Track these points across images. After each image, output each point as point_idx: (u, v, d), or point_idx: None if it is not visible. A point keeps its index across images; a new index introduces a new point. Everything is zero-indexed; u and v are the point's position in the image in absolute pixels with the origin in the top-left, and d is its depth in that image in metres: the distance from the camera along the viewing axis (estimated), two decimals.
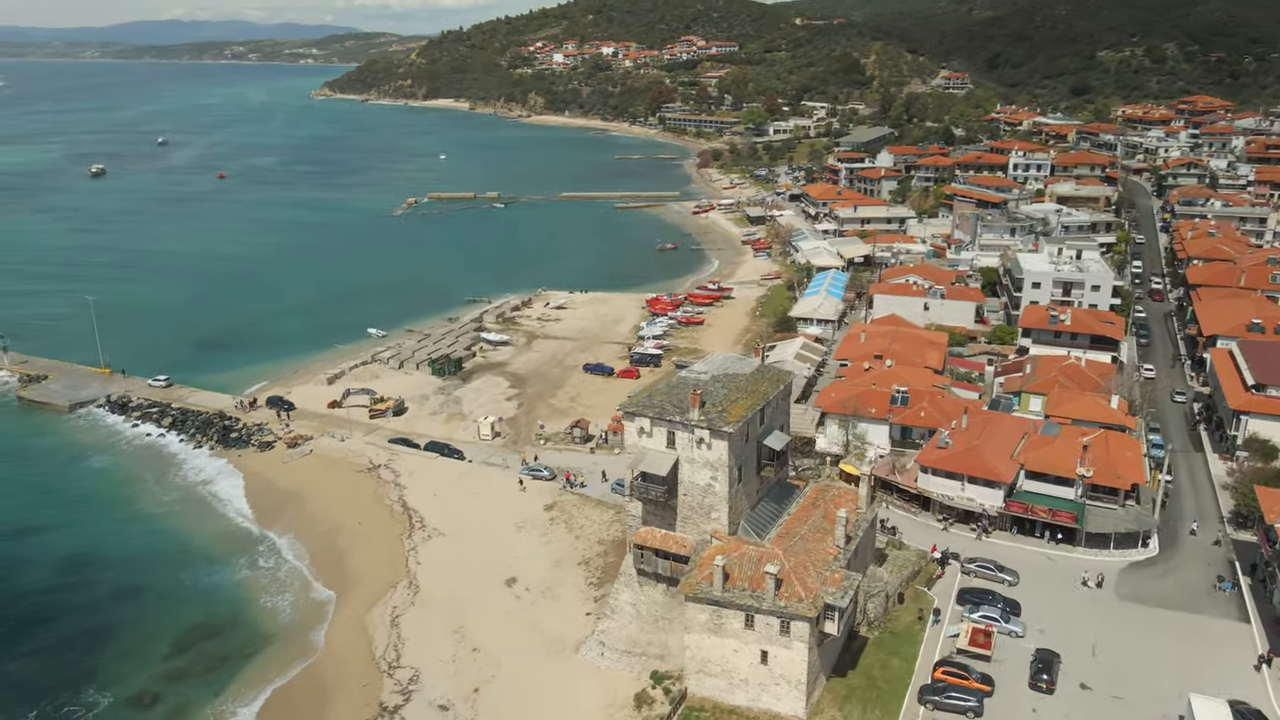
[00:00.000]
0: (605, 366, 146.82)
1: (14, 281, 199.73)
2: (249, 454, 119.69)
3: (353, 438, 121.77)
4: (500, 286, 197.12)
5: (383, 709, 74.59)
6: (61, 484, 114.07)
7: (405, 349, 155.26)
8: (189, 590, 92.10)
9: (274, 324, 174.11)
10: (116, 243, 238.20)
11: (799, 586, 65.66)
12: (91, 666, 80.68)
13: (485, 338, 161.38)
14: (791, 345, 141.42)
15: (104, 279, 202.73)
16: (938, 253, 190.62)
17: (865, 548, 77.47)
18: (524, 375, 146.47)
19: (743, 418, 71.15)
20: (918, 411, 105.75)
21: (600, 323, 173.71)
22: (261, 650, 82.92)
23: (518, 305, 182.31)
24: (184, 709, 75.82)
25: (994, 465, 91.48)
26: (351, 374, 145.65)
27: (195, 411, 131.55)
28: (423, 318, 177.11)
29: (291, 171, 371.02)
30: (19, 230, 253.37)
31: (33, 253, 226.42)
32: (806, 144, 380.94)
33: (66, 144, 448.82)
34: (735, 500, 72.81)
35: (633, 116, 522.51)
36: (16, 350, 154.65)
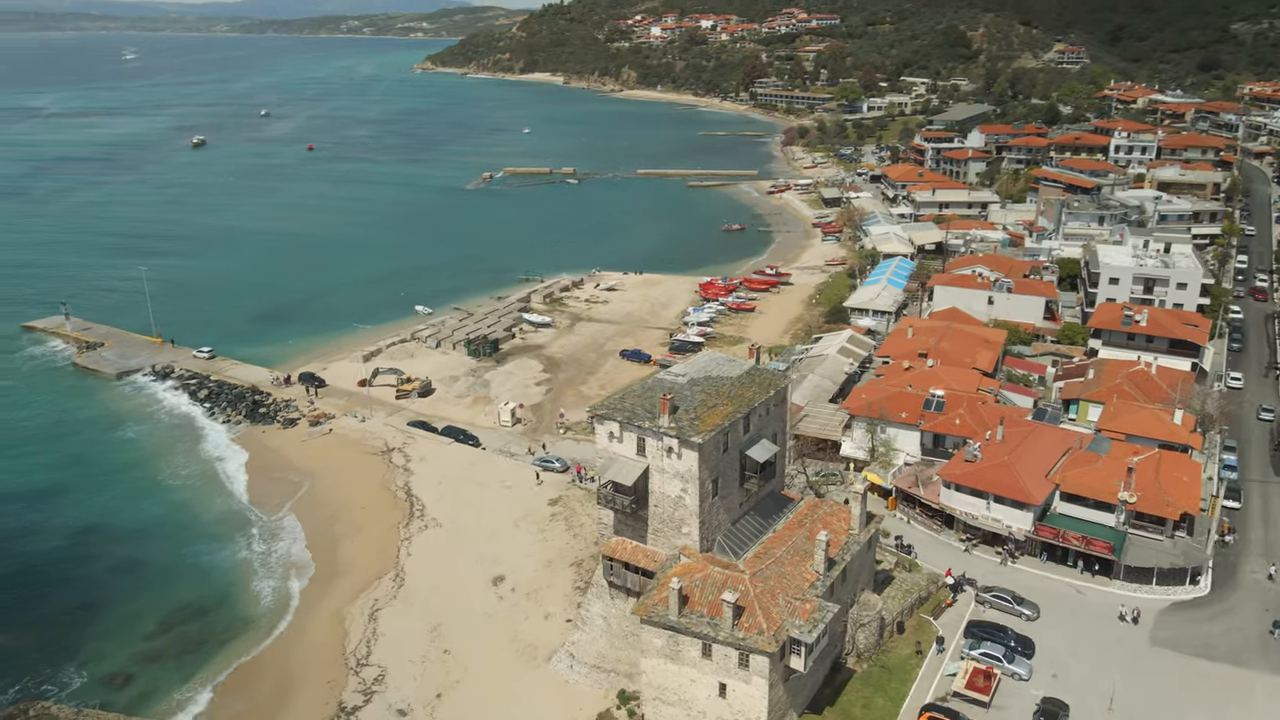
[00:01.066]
0: (642, 353, 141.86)
1: (90, 250, 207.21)
2: (272, 430, 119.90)
3: (373, 418, 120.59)
4: (555, 265, 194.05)
5: (341, 709, 72.41)
6: (94, 452, 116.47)
7: (446, 328, 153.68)
8: (185, 568, 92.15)
9: (328, 298, 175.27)
10: (194, 214, 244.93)
11: (761, 617, 59.80)
12: (77, 642, 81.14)
13: (527, 319, 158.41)
14: (836, 338, 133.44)
15: (175, 249, 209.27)
16: (1014, 241, 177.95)
17: (856, 572, 70.78)
18: (559, 359, 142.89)
19: (718, 427, 65.29)
20: (952, 418, 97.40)
21: (649, 306, 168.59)
22: (238, 637, 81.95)
23: (568, 285, 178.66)
24: (150, 694, 75.28)
25: (1023, 484, 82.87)
26: (388, 352, 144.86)
27: (231, 385, 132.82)
28: (472, 295, 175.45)
29: (379, 144, 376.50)
30: (109, 200, 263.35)
31: (116, 223, 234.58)
32: (900, 122, 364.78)
33: (177, 116, 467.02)
34: (709, 515, 67.18)
35: (724, 92, 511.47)
36: (79, 316, 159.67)
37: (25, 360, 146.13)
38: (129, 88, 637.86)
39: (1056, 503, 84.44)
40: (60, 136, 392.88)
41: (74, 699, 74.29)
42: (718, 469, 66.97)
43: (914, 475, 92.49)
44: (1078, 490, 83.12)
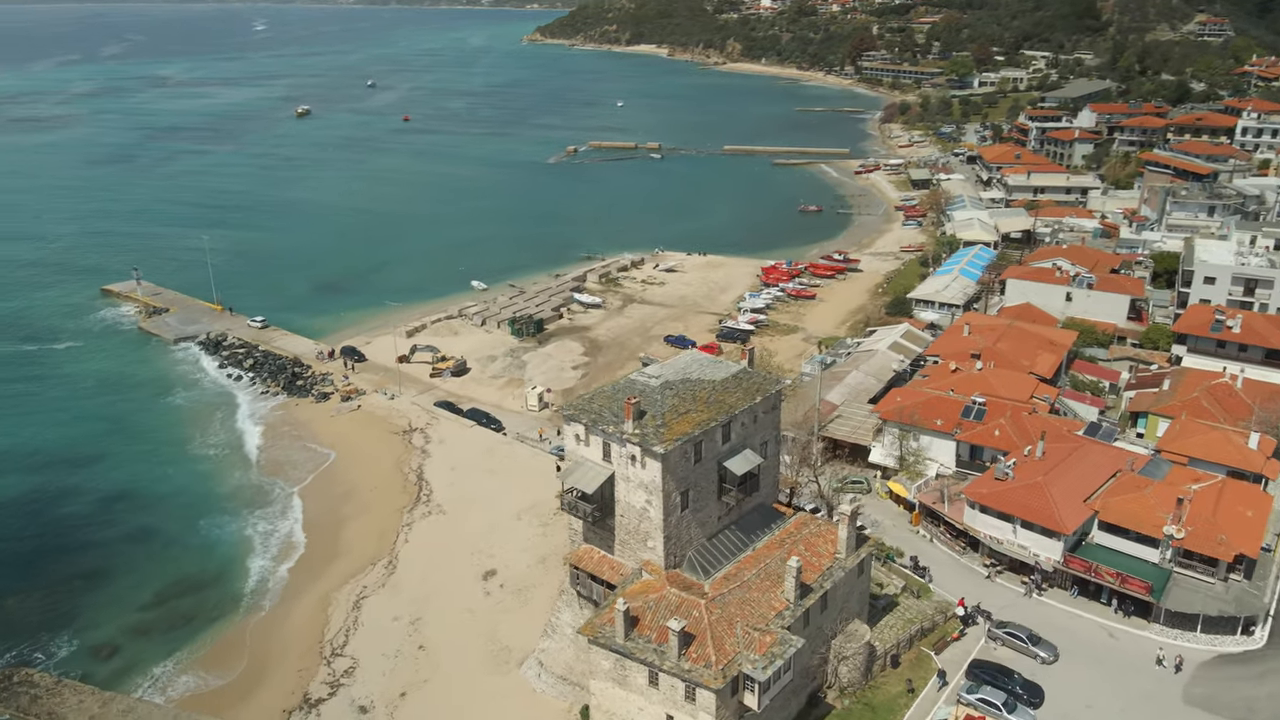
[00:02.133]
0: (686, 339, 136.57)
1: (174, 218, 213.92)
2: (305, 404, 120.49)
3: (402, 396, 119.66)
4: (619, 243, 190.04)
5: (305, 700, 71.07)
6: (137, 416, 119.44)
7: (495, 305, 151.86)
8: (193, 540, 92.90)
9: (390, 271, 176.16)
10: (278, 185, 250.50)
11: (711, 648, 54.75)
12: (76, 610, 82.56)
13: (577, 298, 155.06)
14: (891, 332, 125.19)
15: (252, 219, 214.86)
16: (1108, 232, 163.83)
17: (842, 600, 64.64)
18: (602, 342, 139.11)
19: (686, 435, 60.13)
20: (991, 429, 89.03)
21: (706, 289, 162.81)
22: (226, 615, 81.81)
23: (626, 265, 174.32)
24: (131, 668, 75.65)
25: (1055, 509, 74.53)
26: (433, 328, 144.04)
27: (276, 355, 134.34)
28: (531, 272, 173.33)
29: (472, 116, 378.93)
30: (205, 169, 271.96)
31: (205, 192, 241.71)
32: (1010, 99, 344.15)
33: (290, 86, 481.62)
34: (678, 529, 62.23)
35: (829, 65, 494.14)
36: (152, 281, 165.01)
37: (96, 322, 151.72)
38: (252, 58, 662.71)
39: (1094, 532, 75.80)
40: (178, 105, 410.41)
41: (59, 667, 75.38)
42: (688, 480, 61.88)
43: (940, 490, 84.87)
44: (1118, 520, 74.25)
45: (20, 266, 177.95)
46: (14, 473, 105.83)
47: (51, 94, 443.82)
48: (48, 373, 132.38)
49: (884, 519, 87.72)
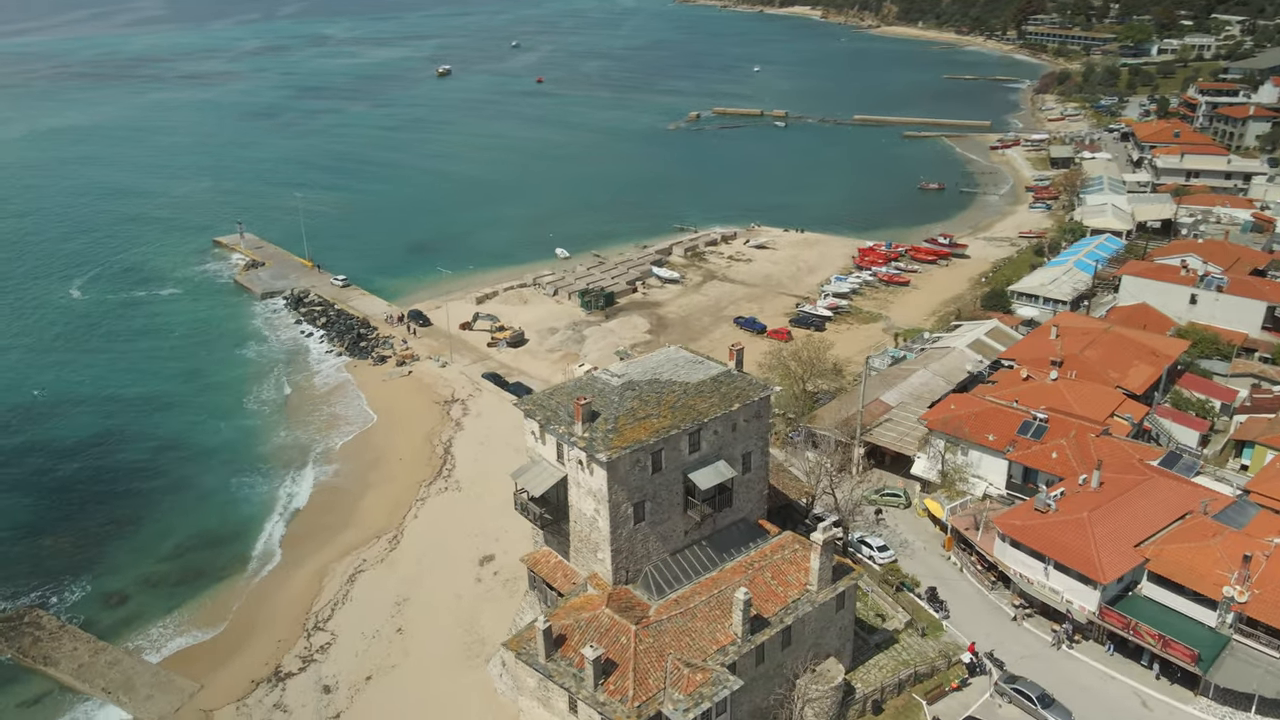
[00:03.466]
0: (757, 323, 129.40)
1: (296, 172, 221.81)
2: (363, 366, 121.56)
3: (454, 365, 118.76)
4: (716, 215, 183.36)
5: (275, 673, 70.88)
6: (208, 368, 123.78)
7: (570, 275, 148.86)
8: (223, 496, 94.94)
9: (481, 235, 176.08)
10: (399, 146, 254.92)
11: (630, 681, 49.86)
12: (100, 555, 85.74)
13: (656, 272, 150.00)
14: (975, 329, 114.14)
15: (367, 177, 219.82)
16: (1260, 226, 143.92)
17: (812, 636, 58.05)
18: (670, 320, 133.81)
19: (638, 443, 54.87)
20: (1049, 450, 78.82)
21: (794, 269, 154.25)
22: (230, 576, 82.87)
23: (716, 239, 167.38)
24: (132, 620, 77.70)
25: (1094, 553, 64.81)
26: (504, 295, 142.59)
27: (348, 315, 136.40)
28: (619, 242, 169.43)
29: (604, 78, 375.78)
30: (336, 127, 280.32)
31: (329, 150, 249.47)
32: (1191, 68, 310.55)
33: (438, 45, 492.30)
34: (629, 543, 57.28)
35: (990, 30, 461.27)
36: (254, 234, 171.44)
37: (199, 272, 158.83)
38: (407, 18, 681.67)
39: (1143, 582, 65.56)
40: (330, 64, 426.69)
41: (69, 611, 78.36)
42: (644, 491, 56.70)
43: (974, 515, 75.81)
44: (1170, 572, 63.81)
45: (150, 217, 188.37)
46: (88, 415, 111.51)
47: (222, 51, 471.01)
48: (145, 320, 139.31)
49: (915, 540, 79.65)
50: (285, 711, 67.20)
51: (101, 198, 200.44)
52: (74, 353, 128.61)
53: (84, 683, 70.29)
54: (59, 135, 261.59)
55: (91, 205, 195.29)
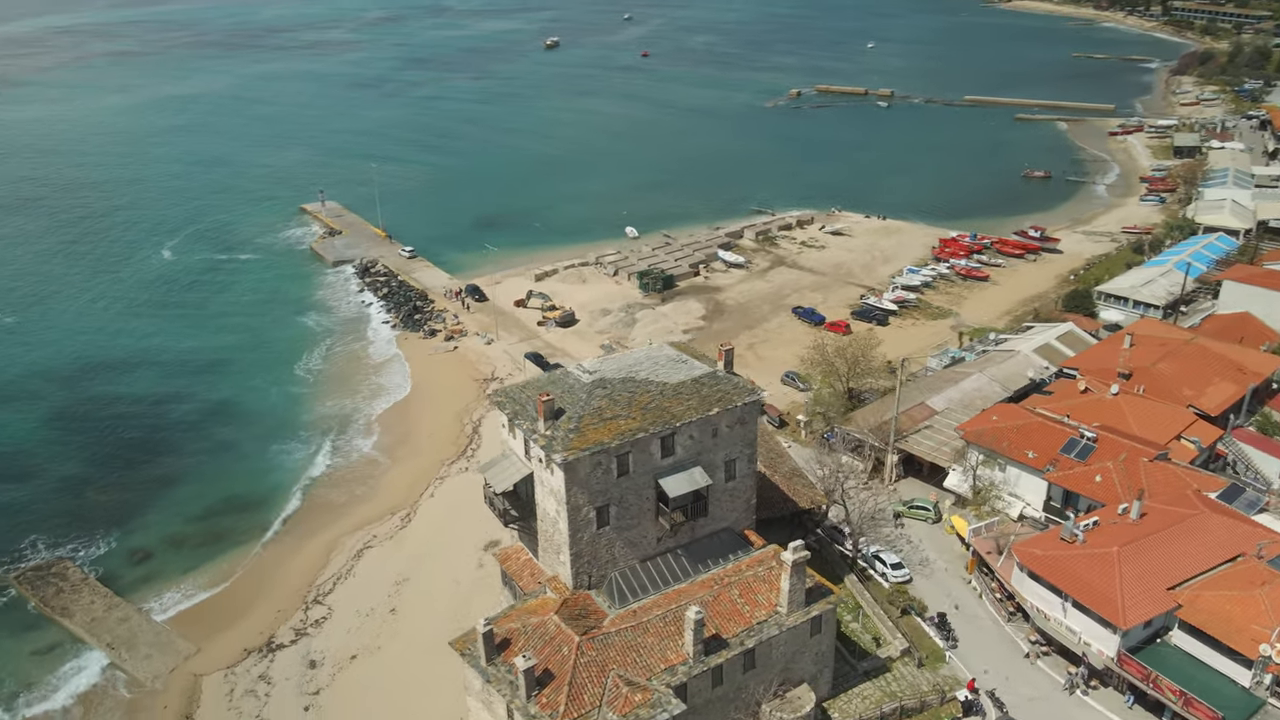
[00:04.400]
0: (815, 314, 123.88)
1: (386, 141, 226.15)
2: (414, 339, 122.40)
3: (499, 342, 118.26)
4: (797, 198, 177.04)
5: (268, 643, 71.87)
6: (269, 332, 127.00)
7: (633, 256, 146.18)
8: (259, 461, 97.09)
9: (557, 210, 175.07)
10: (494, 117, 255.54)
11: (563, 695, 47.56)
12: (135, 510, 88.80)
13: (722, 256, 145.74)
14: (1046, 332, 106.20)
15: (453, 149, 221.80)
16: None
17: (779, 661, 54.37)
18: (727, 307, 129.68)
19: (599, 445, 52.20)
20: (1093, 473, 72.02)
21: (868, 258, 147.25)
22: (248, 542, 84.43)
23: (791, 223, 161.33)
24: (152, 577, 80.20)
25: (1116, 593, 58.59)
26: (564, 273, 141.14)
27: (409, 287, 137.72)
28: (692, 223, 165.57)
29: (710, 53, 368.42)
30: (435, 97, 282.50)
31: (422, 122, 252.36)
32: None
33: (550, 17, 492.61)
34: (591, 547, 54.84)
35: (1132, 4, 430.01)
36: (337, 202, 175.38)
37: (280, 239, 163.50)
38: None
39: (1175, 630, 58.93)
40: (443, 35, 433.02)
41: (94, 564, 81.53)
42: (608, 495, 54.09)
43: (997, 538, 69.95)
44: (1203, 623, 57.07)
45: (246, 184, 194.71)
46: (153, 372, 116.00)
47: (345, 21, 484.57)
48: (221, 283, 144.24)
49: (938, 559, 74.43)
50: (268, 683, 68.01)
51: (205, 164, 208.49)
52: (153, 311, 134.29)
53: (93, 636, 72.93)
54: (176, 103, 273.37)
55: (195, 171, 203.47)
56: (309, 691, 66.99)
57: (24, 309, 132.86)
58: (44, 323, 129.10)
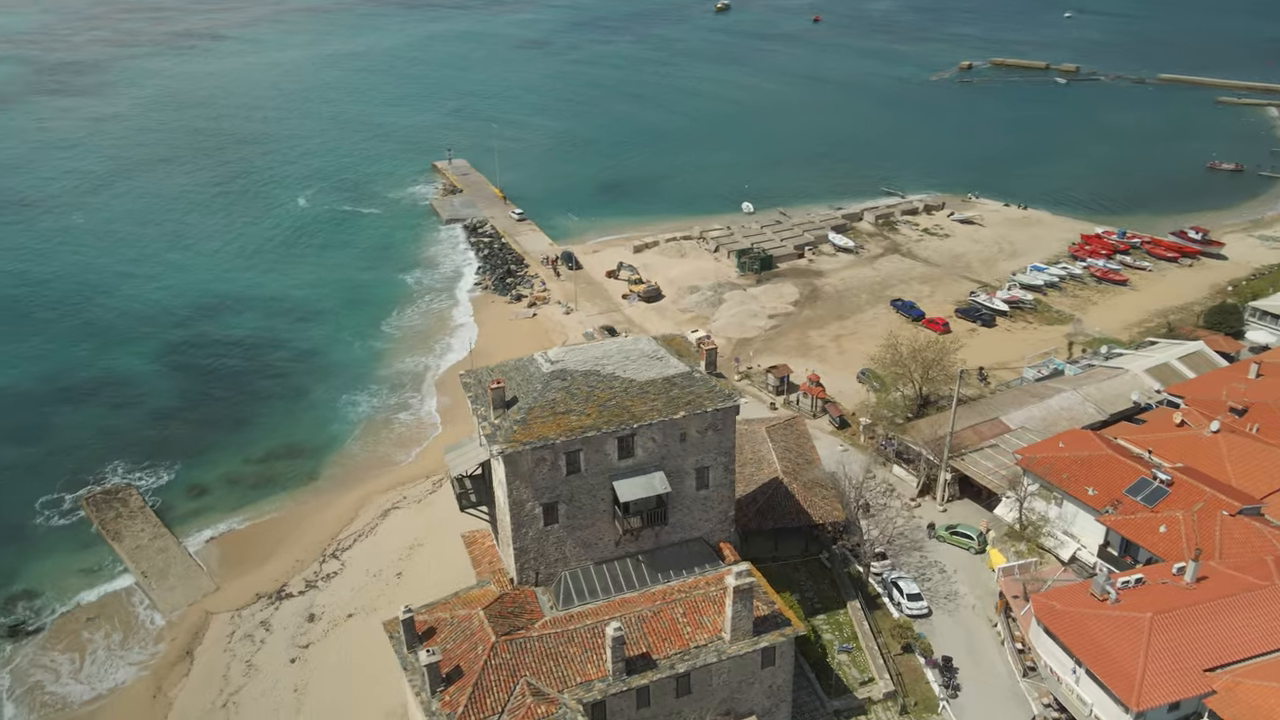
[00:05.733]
0: (915, 308, 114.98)
1: (534, 100, 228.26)
2: (499, 303, 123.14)
3: (578, 313, 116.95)
4: (934, 181, 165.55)
5: (278, 591, 74.27)
6: (370, 286, 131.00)
7: (738, 233, 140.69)
8: (327, 411, 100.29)
9: (678, 180, 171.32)
10: (641, 82, 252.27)
11: (464, 696, 45.77)
12: (201, 447, 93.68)
13: (832, 238, 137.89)
14: (1169, 350, 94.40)
15: (592, 110, 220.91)
16: None
17: (723, 689, 50.32)
18: (823, 294, 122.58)
19: (545, 440, 49.57)
20: (1159, 522, 62.73)
21: (993, 251, 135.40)
22: (295, 489, 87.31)
23: (918, 208, 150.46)
24: (201, 512, 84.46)
25: (1136, 669, 50.59)
26: (664, 246, 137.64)
27: (510, 250, 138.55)
28: (813, 201, 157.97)
29: (886, 20, 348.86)
30: (592, 60, 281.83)
31: (575, 81, 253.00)
32: None
33: None
34: (539, 544, 52.53)
35: None
36: (464, 160, 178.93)
37: (406, 194, 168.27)
38: None
39: (1205, 717, 50.33)
40: None
41: (153, 495, 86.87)
42: (557, 493, 51.54)
43: (1026, 582, 62.12)
44: (1235, 716, 48.21)
45: (390, 138, 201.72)
46: (256, 315, 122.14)
47: None
48: (342, 234, 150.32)
49: (969, 594, 67.58)
50: (267, 630, 70.29)
51: (353, 120, 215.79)
52: (275, 257, 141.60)
53: (132, 562, 77.81)
54: (344, 60, 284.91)
55: (343, 125, 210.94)
56: (300, 644, 68.69)
57: (166, 249, 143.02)
58: (181, 262, 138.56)
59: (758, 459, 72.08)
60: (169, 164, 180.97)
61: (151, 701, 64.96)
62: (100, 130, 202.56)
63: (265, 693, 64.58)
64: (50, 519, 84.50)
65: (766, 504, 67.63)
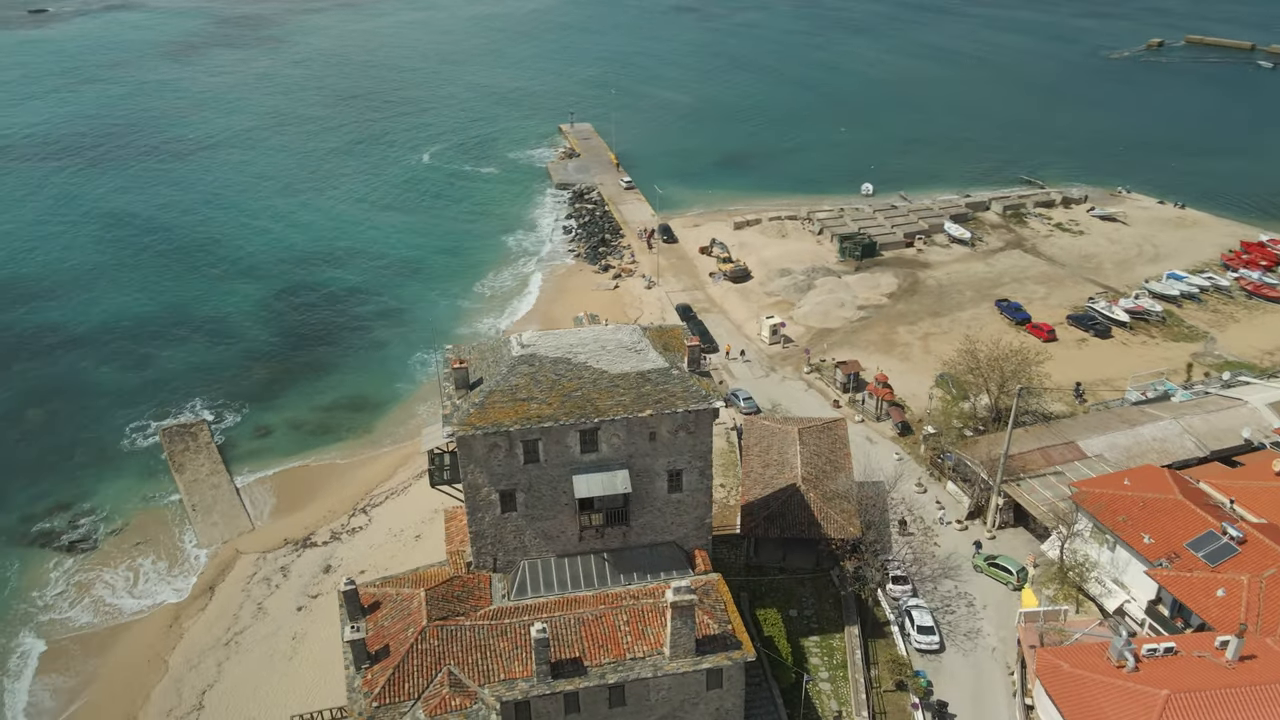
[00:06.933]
0: (1020, 310, 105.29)
1: (671, 66, 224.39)
2: (586, 272, 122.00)
3: (660, 288, 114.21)
4: (1083, 173, 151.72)
5: (304, 539, 76.67)
6: (470, 247, 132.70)
7: (847, 216, 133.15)
8: (398, 368, 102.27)
9: (799, 156, 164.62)
10: (791, 47, 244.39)
11: (383, 678, 45.09)
12: (275, 391, 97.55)
13: (948, 228, 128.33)
14: None
15: (737, 79, 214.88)
16: None
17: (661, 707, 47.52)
18: (925, 287, 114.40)
19: (495, 425, 47.86)
20: (1217, 583, 54.66)
21: (1132, 253, 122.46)
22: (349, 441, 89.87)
23: (1054, 200, 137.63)
24: (260, 454, 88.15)
25: None
26: (765, 225, 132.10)
27: (610, 218, 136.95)
28: (940, 185, 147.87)
29: None
30: (744, 28, 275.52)
31: (726, 46, 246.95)
32: None
33: None
34: (496, 530, 51.16)
35: None
36: (588, 124, 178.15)
37: (526, 156, 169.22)
38: None
39: None
40: None
41: (221, 433, 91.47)
42: (514, 481, 49.91)
43: (1043, 631, 55.43)
44: None
45: (525, 99, 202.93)
46: (357, 267, 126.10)
47: None
48: (457, 191, 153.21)
49: (994, 634, 61.80)
50: (285, 576, 72.75)
51: (490, 79, 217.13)
52: (389, 210, 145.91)
53: (187, 495, 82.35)
54: (490, 19, 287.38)
55: (480, 86, 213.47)
56: (310, 594, 70.69)
57: (292, 199, 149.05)
58: (302, 213, 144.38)
59: (781, 462, 67.87)
60: (311, 121, 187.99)
61: (167, 630, 68.62)
62: (261, 83, 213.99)
63: (267, 636, 66.90)
64: (134, 442, 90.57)
65: (778, 511, 63.54)
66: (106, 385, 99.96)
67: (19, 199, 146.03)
